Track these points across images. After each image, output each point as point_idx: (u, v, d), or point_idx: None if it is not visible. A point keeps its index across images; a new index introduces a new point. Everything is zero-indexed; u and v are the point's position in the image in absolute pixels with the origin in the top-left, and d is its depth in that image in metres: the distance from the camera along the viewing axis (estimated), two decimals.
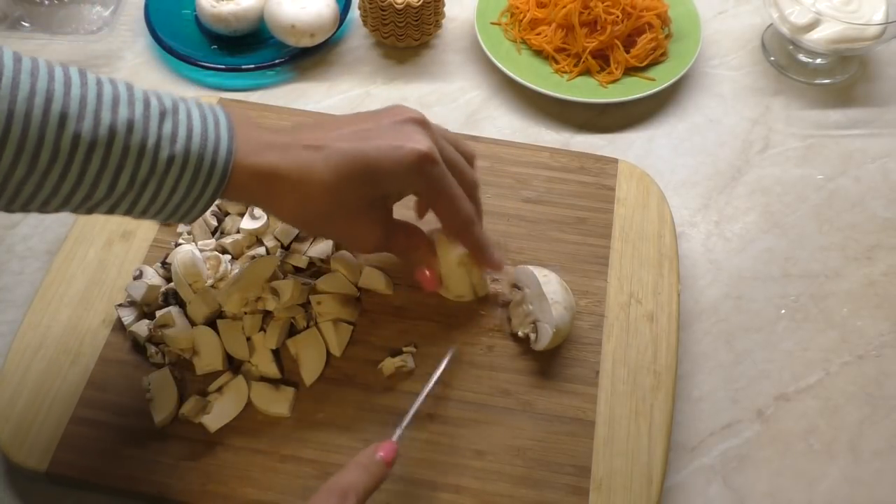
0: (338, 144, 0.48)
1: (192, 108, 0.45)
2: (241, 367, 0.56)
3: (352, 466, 0.45)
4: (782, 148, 0.74)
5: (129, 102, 0.43)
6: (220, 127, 0.45)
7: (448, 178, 0.50)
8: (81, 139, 0.41)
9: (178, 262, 0.57)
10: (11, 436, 0.53)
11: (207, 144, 0.44)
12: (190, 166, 0.44)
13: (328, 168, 0.47)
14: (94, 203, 0.44)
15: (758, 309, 0.64)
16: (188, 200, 0.45)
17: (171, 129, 0.43)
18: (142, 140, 0.42)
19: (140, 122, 0.42)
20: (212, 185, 0.45)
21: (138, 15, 0.82)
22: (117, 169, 0.42)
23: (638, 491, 0.52)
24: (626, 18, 0.76)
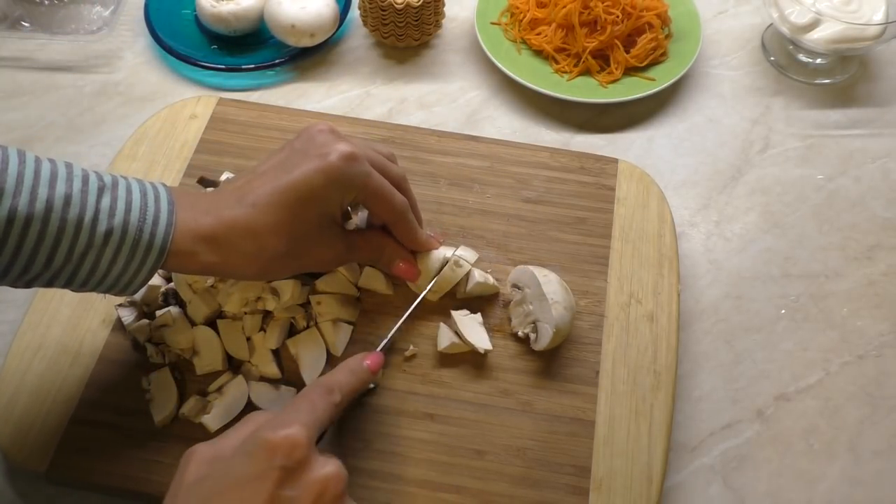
0: (259, 188, 0.48)
1: (133, 184, 0.46)
2: (241, 367, 0.56)
3: (341, 368, 0.48)
4: (782, 148, 0.74)
5: (68, 179, 0.44)
6: (160, 201, 0.46)
7: (374, 173, 0.51)
8: (17, 214, 0.42)
9: None
10: (11, 436, 0.53)
11: (147, 218, 0.45)
12: (129, 239, 0.44)
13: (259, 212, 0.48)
14: (32, 277, 0.44)
15: (758, 309, 0.64)
16: (127, 273, 0.46)
17: (109, 203, 0.44)
18: (79, 214, 0.43)
19: (77, 196, 0.43)
20: (151, 257, 0.45)
21: (138, 15, 0.82)
22: (54, 243, 0.43)
23: (638, 491, 0.52)
24: (626, 18, 0.76)
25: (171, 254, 0.46)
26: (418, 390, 0.55)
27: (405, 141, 0.68)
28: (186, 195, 0.48)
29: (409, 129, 0.69)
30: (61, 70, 0.79)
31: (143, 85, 0.78)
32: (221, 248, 0.47)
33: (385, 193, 0.52)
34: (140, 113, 0.75)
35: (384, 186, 0.52)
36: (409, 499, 0.51)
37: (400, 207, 0.53)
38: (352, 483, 0.52)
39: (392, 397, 0.55)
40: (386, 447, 0.53)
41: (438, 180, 0.65)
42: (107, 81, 0.78)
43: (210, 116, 0.69)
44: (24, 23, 0.81)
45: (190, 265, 0.47)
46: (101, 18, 0.82)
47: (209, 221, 0.47)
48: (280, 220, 0.48)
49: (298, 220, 0.49)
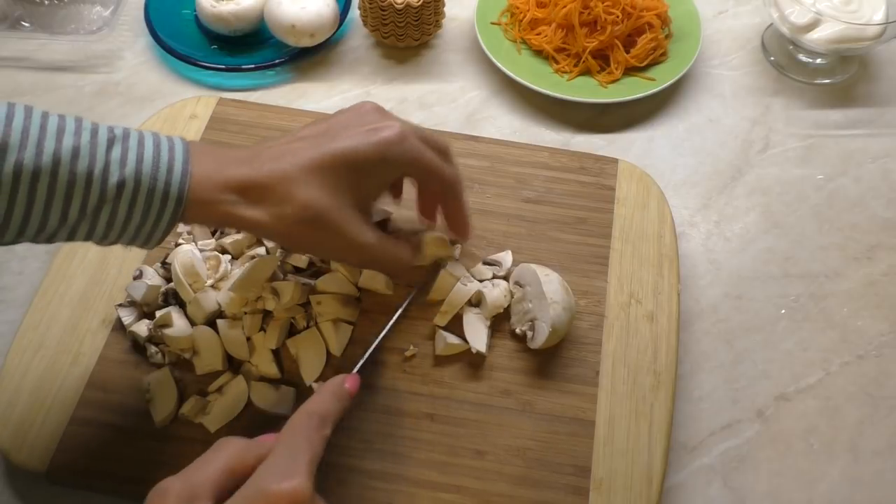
0: (303, 150, 0.47)
1: (146, 136, 0.45)
2: (241, 367, 0.56)
3: (326, 394, 0.46)
4: (782, 148, 0.74)
5: (76, 132, 0.43)
6: (174, 150, 0.45)
7: (425, 148, 0.51)
8: (24, 168, 0.41)
9: (177, 263, 0.57)
10: (12, 436, 0.53)
11: (160, 166, 0.44)
12: (142, 190, 0.43)
13: (300, 169, 0.46)
14: (50, 233, 0.44)
15: (758, 309, 0.64)
16: (147, 225, 0.44)
17: (119, 154, 0.43)
18: (88, 166, 0.42)
19: (86, 148, 0.42)
20: (169, 208, 0.44)
21: (138, 15, 0.82)
22: (66, 197, 0.42)
23: (638, 491, 0.52)
24: (626, 18, 0.76)
25: (192, 203, 0.44)
26: (418, 390, 0.55)
27: None
28: (214, 149, 0.47)
29: None
30: (61, 70, 0.79)
31: (143, 85, 0.78)
32: (249, 200, 0.46)
33: (437, 166, 0.51)
34: (140, 113, 0.75)
35: (435, 160, 0.51)
36: (409, 499, 0.51)
37: (452, 178, 0.53)
38: (352, 483, 0.52)
39: (392, 397, 0.55)
40: (386, 447, 0.53)
41: None
42: (107, 81, 0.78)
43: (210, 116, 0.69)
44: (24, 23, 0.81)
45: (213, 215, 0.46)
46: (101, 18, 0.82)
47: (243, 171, 0.46)
48: (319, 182, 0.46)
49: (337, 188, 0.47)
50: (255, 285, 0.56)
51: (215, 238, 0.61)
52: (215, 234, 0.61)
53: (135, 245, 0.46)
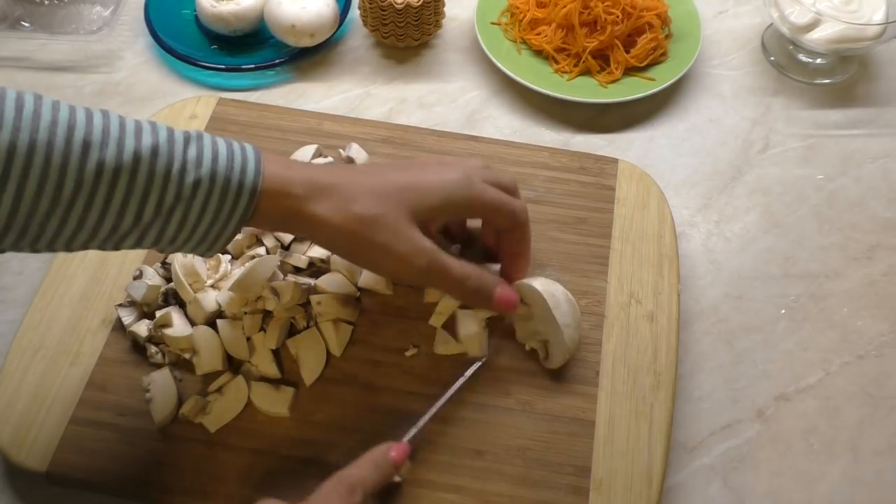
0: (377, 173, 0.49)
1: (217, 138, 0.46)
2: (241, 367, 0.56)
3: (364, 462, 0.46)
4: (782, 148, 0.74)
5: (153, 131, 0.43)
6: (246, 150, 0.46)
7: (488, 186, 0.52)
8: (106, 166, 0.41)
9: (177, 263, 0.57)
10: (11, 436, 0.53)
11: (234, 166, 0.44)
12: (217, 188, 0.44)
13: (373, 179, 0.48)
14: (121, 235, 0.43)
15: (758, 309, 0.64)
16: (216, 225, 0.45)
17: (195, 153, 0.43)
18: (167, 165, 0.42)
19: (165, 146, 0.42)
20: (240, 207, 0.45)
21: (138, 15, 0.82)
22: (143, 196, 0.42)
23: (638, 491, 0.52)
24: (626, 18, 0.76)
25: (264, 197, 0.45)
26: (418, 390, 0.55)
27: (405, 141, 0.68)
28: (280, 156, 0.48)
29: (409, 129, 0.69)
30: (61, 70, 0.79)
31: (143, 85, 0.78)
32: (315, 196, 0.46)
33: (502, 200, 0.53)
34: (140, 113, 0.75)
35: (499, 195, 0.53)
36: (409, 499, 0.51)
37: (518, 208, 0.54)
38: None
39: (392, 397, 0.55)
40: None
41: None
42: (107, 81, 0.78)
43: (210, 116, 0.69)
44: (24, 23, 0.81)
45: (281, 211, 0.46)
46: (101, 18, 0.82)
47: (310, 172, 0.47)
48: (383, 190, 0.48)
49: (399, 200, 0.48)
50: (254, 285, 0.56)
51: None
52: None
53: (199, 251, 0.46)
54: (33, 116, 0.39)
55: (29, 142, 0.39)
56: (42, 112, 0.40)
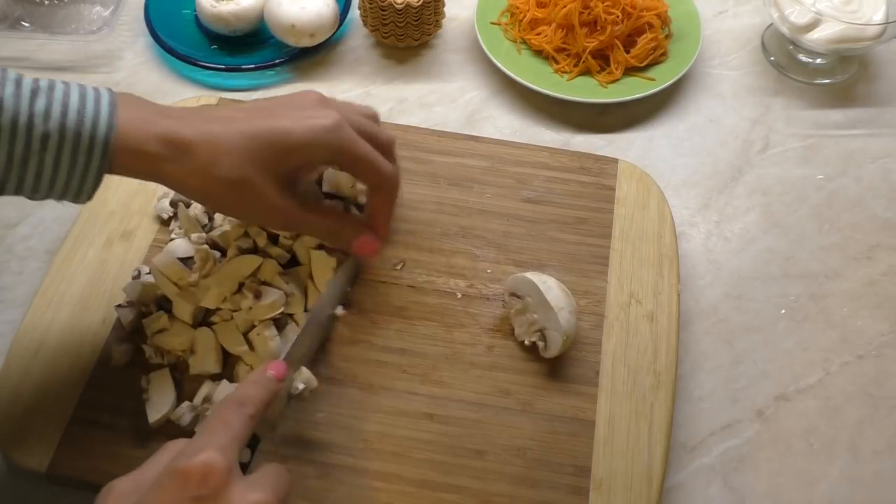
0: (240, 120, 0.48)
1: (72, 87, 0.45)
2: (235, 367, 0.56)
3: (245, 383, 0.46)
4: (782, 148, 0.74)
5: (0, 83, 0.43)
6: (100, 103, 0.45)
7: (360, 140, 0.51)
8: None
9: (157, 261, 0.57)
10: (11, 436, 0.53)
11: (85, 120, 0.44)
12: (67, 142, 0.44)
13: (232, 133, 0.47)
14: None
15: (758, 309, 0.64)
16: (75, 177, 0.45)
17: (44, 106, 0.44)
18: (12, 118, 0.43)
19: (10, 100, 0.43)
20: (95, 160, 0.45)
21: (138, 15, 0.82)
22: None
23: (638, 491, 0.52)
24: (626, 18, 0.76)
25: (119, 154, 0.45)
26: (418, 390, 0.55)
27: (405, 141, 0.68)
28: (145, 102, 0.48)
29: (409, 129, 0.69)
30: (61, 70, 0.79)
31: (143, 85, 0.78)
32: (175, 152, 0.46)
33: (371, 159, 0.52)
34: None
35: (370, 153, 0.52)
36: (409, 499, 0.51)
37: (387, 172, 0.53)
38: (352, 483, 0.52)
39: (392, 397, 0.55)
40: (386, 447, 0.53)
41: (438, 180, 0.65)
42: (107, 81, 0.78)
43: None
44: (24, 23, 0.81)
45: (140, 168, 0.47)
46: (101, 18, 0.82)
47: (171, 126, 0.47)
48: (245, 148, 0.47)
49: (263, 159, 0.48)
50: (232, 280, 0.56)
51: (206, 231, 0.61)
52: (205, 228, 0.61)
53: (66, 199, 0.47)
54: None
55: None
56: None
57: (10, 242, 0.67)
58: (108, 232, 0.62)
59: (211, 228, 0.61)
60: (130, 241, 0.62)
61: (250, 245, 0.59)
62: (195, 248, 0.59)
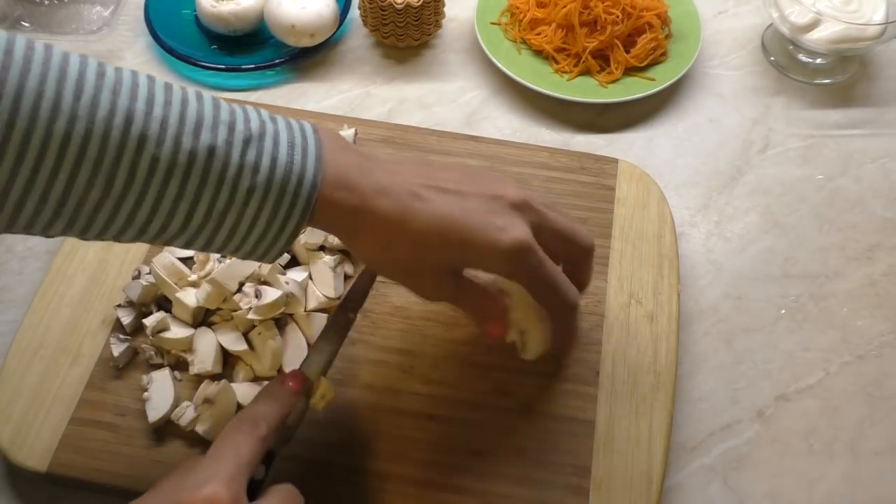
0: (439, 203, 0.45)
1: (281, 133, 0.42)
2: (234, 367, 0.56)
3: (261, 397, 0.44)
4: (782, 148, 0.74)
5: (213, 126, 0.40)
6: (307, 155, 0.42)
7: (545, 266, 0.47)
8: (160, 163, 0.39)
9: (157, 262, 0.57)
10: (11, 436, 0.53)
11: (292, 176, 0.41)
12: (271, 197, 0.41)
13: (423, 223, 0.44)
14: (171, 235, 0.42)
15: (758, 309, 0.64)
16: (270, 233, 0.42)
17: (254, 157, 0.41)
18: (222, 168, 0.40)
19: (222, 148, 0.40)
20: (294, 217, 0.42)
21: (138, 15, 0.82)
22: (195, 198, 0.40)
23: (638, 491, 0.52)
24: (626, 18, 0.76)
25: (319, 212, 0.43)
26: (418, 390, 0.55)
27: (405, 141, 0.68)
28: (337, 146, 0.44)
29: (409, 129, 0.69)
30: None
31: None
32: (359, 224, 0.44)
33: (553, 285, 0.48)
34: None
35: (554, 278, 0.48)
36: (409, 499, 0.51)
37: (567, 302, 0.49)
38: (352, 483, 0.52)
39: (392, 397, 0.55)
40: (386, 447, 0.53)
41: None
42: None
43: None
44: (24, 23, 0.81)
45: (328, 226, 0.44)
46: (101, 18, 0.82)
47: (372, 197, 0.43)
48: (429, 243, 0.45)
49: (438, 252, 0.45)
50: (232, 280, 0.56)
51: None
52: None
53: (252, 257, 0.44)
54: (91, 104, 0.38)
55: (84, 132, 0.37)
56: (101, 99, 0.38)
57: (10, 242, 0.67)
58: None
59: None
60: None
61: None
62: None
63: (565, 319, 0.51)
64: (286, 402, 0.45)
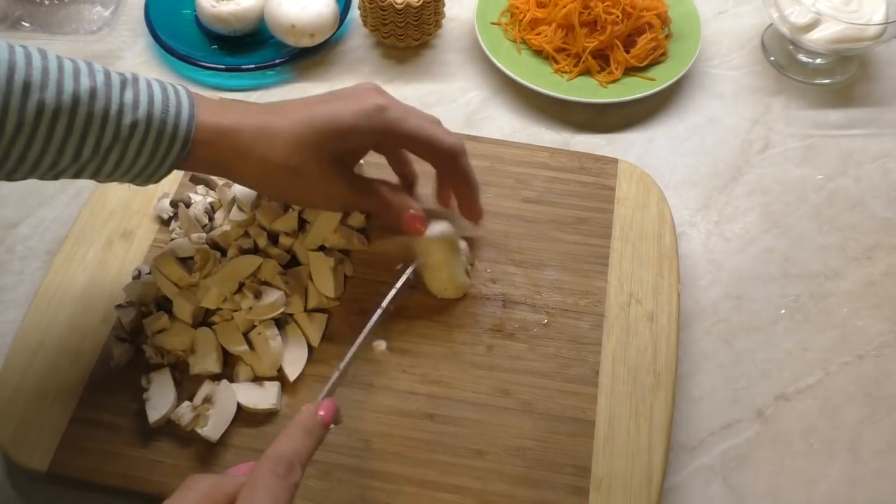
0: (296, 109, 0.51)
1: (151, 81, 0.48)
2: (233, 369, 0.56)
3: (295, 432, 0.42)
4: (782, 148, 0.74)
5: (90, 74, 0.45)
6: (180, 94, 0.48)
7: (410, 117, 0.52)
8: (45, 107, 0.43)
9: (158, 263, 0.57)
10: (12, 436, 0.53)
11: (169, 109, 0.46)
12: (152, 131, 0.46)
13: (289, 123, 0.50)
14: (60, 170, 0.46)
15: (758, 309, 0.64)
16: (152, 163, 0.47)
17: (132, 96, 0.46)
18: (105, 107, 0.44)
19: (102, 90, 0.45)
20: (175, 148, 0.47)
21: (138, 15, 0.82)
22: (82, 135, 0.44)
23: (638, 491, 0.52)
24: (626, 18, 0.76)
25: (194, 145, 0.48)
26: (418, 390, 0.55)
27: None
28: (209, 98, 0.50)
29: None
30: None
31: None
32: (236, 145, 0.49)
33: (426, 132, 0.53)
34: None
35: (423, 126, 0.53)
36: (409, 499, 0.51)
37: (447, 140, 0.54)
38: (352, 483, 0.52)
39: (392, 397, 0.55)
40: (386, 447, 0.53)
41: None
42: None
43: None
44: (24, 23, 0.82)
45: (209, 160, 0.49)
46: (101, 18, 0.82)
47: (233, 118, 0.49)
48: (302, 135, 0.50)
49: (319, 144, 0.50)
50: (232, 280, 0.56)
51: (206, 231, 0.61)
52: (205, 228, 0.61)
53: (135, 183, 0.49)
54: None
55: None
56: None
57: (11, 242, 0.67)
58: (108, 232, 0.62)
59: (211, 228, 0.61)
60: (130, 241, 0.62)
61: (250, 245, 0.59)
62: (195, 248, 0.59)
63: (454, 165, 0.55)
64: (320, 435, 0.43)
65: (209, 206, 0.62)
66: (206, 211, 0.62)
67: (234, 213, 0.60)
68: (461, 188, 0.57)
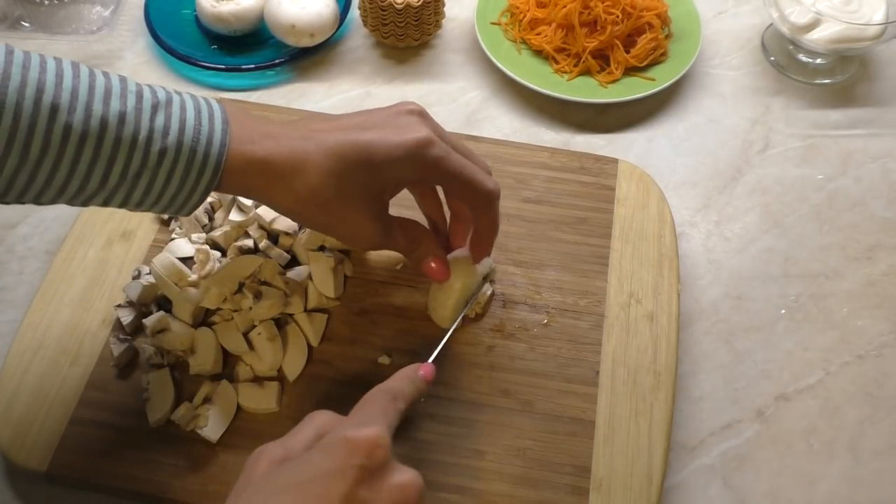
0: (332, 134, 0.48)
1: (187, 101, 0.46)
2: (233, 369, 0.56)
3: (400, 377, 0.46)
4: (782, 148, 0.74)
5: (122, 95, 0.43)
6: (214, 119, 0.46)
7: (453, 154, 0.49)
8: (73, 130, 0.42)
9: (157, 262, 0.57)
10: (11, 436, 0.53)
11: (200, 137, 0.45)
12: (182, 159, 0.44)
13: (323, 153, 0.47)
14: (88, 195, 0.44)
15: (758, 309, 0.64)
16: (182, 192, 0.46)
17: (163, 121, 0.44)
18: (133, 132, 0.43)
19: (132, 114, 0.43)
20: (205, 178, 0.45)
21: (138, 15, 0.82)
22: (109, 161, 0.43)
23: (638, 491, 0.52)
24: (626, 18, 0.76)
25: (225, 174, 0.46)
26: None
27: None
28: (241, 114, 0.48)
29: None
30: None
31: None
32: (268, 175, 0.47)
33: (468, 172, 0.50)
34: None
35: (466, 165, 0.50)
36: None
37: (487, 186, 0.50)
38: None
39: None
40: None
41: None
42: None
43: None
44: (24, 23, 0.82)
45: (241, 187, 0.47)
46: (101, 18, 0.82)
47: (267, 147, 0.47)
48: (333, 169, 0.47)
49: (348, 176, 0.47)
50: (232, 280, 0.56)
51: (206, 231, 0.61)
52: (205, 228, 0.61)
53: (168, 213, 0.47)
54: (2, 77, 0.40)
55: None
56: (11, 73, 0.41)
57: (11, 242, 0.67)
58: (108, 232, 0.62)
59: (211, 229, 0.61)
60: (130, 241, 0.62)
61: (250, 245, 0.59)
62: (195, 248, 0.59)
63: (486, 210, 0.52)
64: (419, 387, 0.46)
65: (209, 206, 0.62)
66: (206, 211, 0.62)
67: (234, 213, 0.60)
68: (484, 230, 0.54)
